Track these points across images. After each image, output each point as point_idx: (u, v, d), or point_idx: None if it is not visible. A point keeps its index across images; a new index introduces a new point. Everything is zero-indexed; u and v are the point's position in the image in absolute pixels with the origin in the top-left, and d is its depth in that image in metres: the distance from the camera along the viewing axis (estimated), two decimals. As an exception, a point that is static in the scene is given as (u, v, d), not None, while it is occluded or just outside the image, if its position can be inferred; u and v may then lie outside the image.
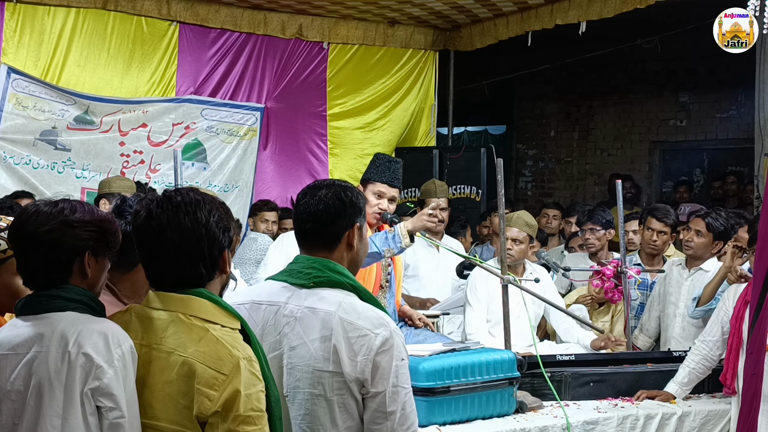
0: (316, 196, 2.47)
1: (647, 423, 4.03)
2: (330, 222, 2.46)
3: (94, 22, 6.79)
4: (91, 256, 2.21)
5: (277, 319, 2.43)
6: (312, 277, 2.44)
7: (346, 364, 2.32)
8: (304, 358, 2.37)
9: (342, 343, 2.33)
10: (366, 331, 2.34)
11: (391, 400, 2.35)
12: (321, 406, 2.35)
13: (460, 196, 7.71)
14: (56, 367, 2.07)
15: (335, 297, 2.40)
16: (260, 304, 2.47)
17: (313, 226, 2.46)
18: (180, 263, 2.17)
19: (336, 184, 2.53)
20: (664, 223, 5.30)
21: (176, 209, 2.16)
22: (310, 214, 2.46)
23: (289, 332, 2.40)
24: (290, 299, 2.43)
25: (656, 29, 8.83)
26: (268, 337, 2.42)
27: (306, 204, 2.48)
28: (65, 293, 2.17)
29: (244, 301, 2.49)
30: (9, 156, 6.45)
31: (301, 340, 2.38)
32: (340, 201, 2.46)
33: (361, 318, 2.36)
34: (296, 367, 2.38)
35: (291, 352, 2.39)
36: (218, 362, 2.07)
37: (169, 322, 2.15)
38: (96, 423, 2.06)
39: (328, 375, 2.34)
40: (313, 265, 2.45)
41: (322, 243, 2.47)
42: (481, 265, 4.51)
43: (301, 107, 7.79)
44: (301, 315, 2.40)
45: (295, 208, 2.52)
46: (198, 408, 2.06)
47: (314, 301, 2.40)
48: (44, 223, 2.16)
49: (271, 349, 2.40)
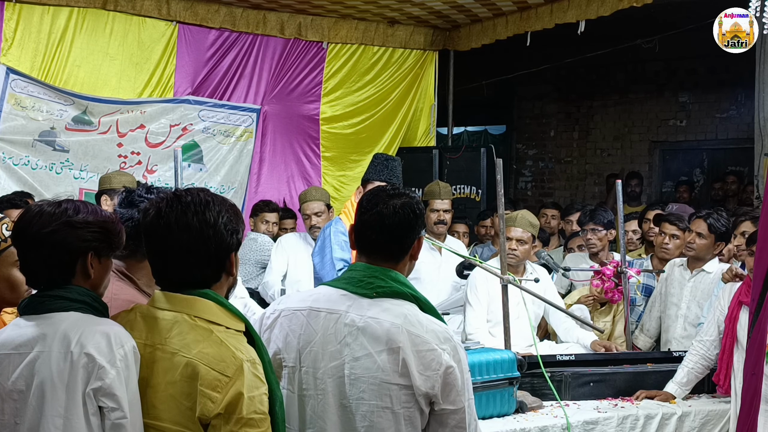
0: (389, 206, 2.39)
1: (647, 423, 4.03)
2: (403, 235, 2.41)
3: (93, 22, 6.77)
4: (94, 256, 2.20)
5: (337, 327, 2.36)
6: (375, 286, 2.38)
7: (416, 378, 2.29)
8: (370, 370, 2.32)
9: (411, 356, 2.29)
10: (434, 346, 2.31)
11: (470, 416, 2.36)
12: (386, 419, 2.31)
13: (460, 196, 7.70)
14: (59, 367, 2.06)
15: (400, 309, 2.36)
16: (319, 311, 2.40)
17: (385, 238, 2.40)
18: (186, 263, 2.16)
19: (406, 195, 2.45)
20: (677, 226, 5.31)
21: (185, 209, 2.15)
22: (383, 226, 2.39)
23: (352, 342, 2.34)
24: (351, 308, 2.37)
25: (656, 29, 8.83)
26: (328, 345, 2.36)
27: (379, 214, 2.39)
28: (68, 293, 2.16)
29: (301, 307, 2.44)
30: (8, 157, 6.44)
31: (365, 351, 2.32)
32: (413, 213, 2.41)
33: (427, 332, 2.33)
34: (361, 378, 2.32)
35: (354, 362, 2.33)
36: (221, 364, 2.07)
37: (173, 322, 2.15)
38: (98, 423, 2.06)
39: (396, 388, 2.30)
40: (375, 274, 2.39)
41: (390, 254, 2.42)
42: (481, 265, 4.50)
43: (296, 109, 7.78)
44: (364, 325, 2.34)
45: (364, 215, 2.43)
46: (201, 409, 2.05)
47: (378, 312, 2.34)
48: (47, 224, 2.16)
49: (332, 359, 2.35)
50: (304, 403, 2.38)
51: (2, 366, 2.13)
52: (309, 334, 2.38)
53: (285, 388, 2.39)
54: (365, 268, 2.42)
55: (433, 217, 5.88)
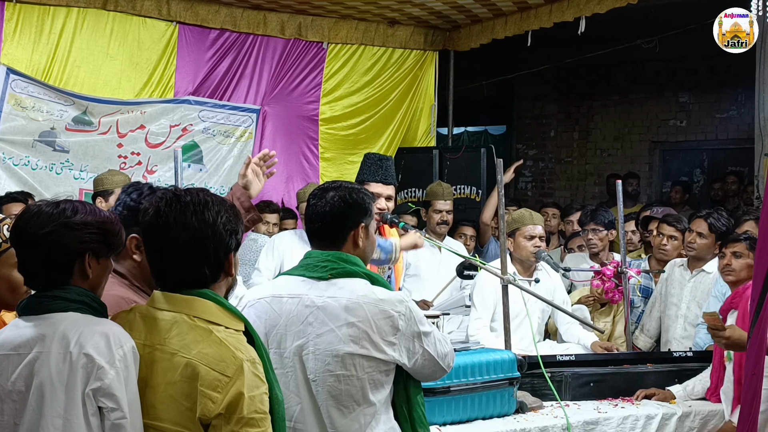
0: (324, 198, 2.68)
1: (647, 423, 4.03)
2: (336, 223, 2.67)
3: (93, 22, 6.76)
4: (92, 257, 2.20)
5: (299, 309, 2.60)
6: (329, 269, 2.63)
7: (378, 345, 2.55)
8: (332, 344, 2.55)
9: (371, 326, 2.55)
10: (391, 312, 2.57)
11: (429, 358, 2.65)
12: (353, 385, 2.55)
13: (460, 197, 7.69)
14: (58, 367, 2.06)
15: (353, 285, 2.61)
16: (281, 297, 2.64)
17: (321, 226, 2.69)
18: (185, 263, 2.17)
19: (343, 186, 2.73)
20: (675, 227, 5.32)
21: (184, 208, 2.16)
22: (318, 215, 2.68)
23: (314, 321, 2.58)
24: (310, 290, 2.62)
25: (656, 29, 8.83)
26: (292, 327, 2.60)
27: (315, 206, 2.69)
28: (66, 294, 2.16)
29: (264, 295, 2.68)
30: (8, 157, 6.44)
31: (327, 327, 2.56)
32: (345, 203, 2.68)
33: (385, 302, 2.58)
34: (324, 351, 2.55)
35: (318, 339, 2.56)
36: (221, 364, 2.07)
37: (173, 322, 2.15)
38: (98, 424, 2.06)
39: (358, 357, 2.54)
40: (328, 258, 2.66)
41: (330, 241, 2.69)
42: (481, 265, 4.50)
43: (295, 110, 7.77)
44: (324, 304, 2.58)
45: (306, 209, 2.72)
46: (201, 410, 2.05)
47: (335, 291, 2.60)
48: (45, 225, 2.16)
49: (296, 338, 2.59)
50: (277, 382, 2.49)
51: (1, 367, 2.12)
52: (273, 318, 2.62)
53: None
54: (319, 255, 2.68)
55: (436, 217, 5.88)
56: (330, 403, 2.56)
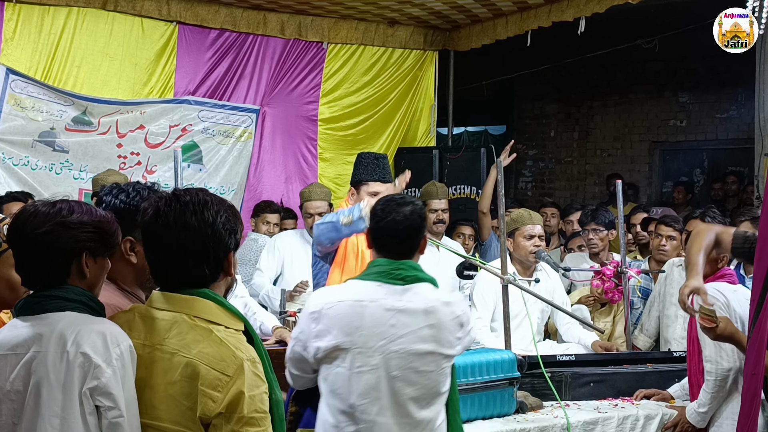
0: (401, 213, 2.93)
1: (647, 423, 4.03)
2: (413, 237, 2.96)
3: (93, 22, 6.76)
4: (89, 256, 2.20)
5: (381, 312, 2.84)
6: (403, 276, 2.90)
7: (451, 343, 2.90)
8: (415, 343, 2.84)
9: (449, 327, 2.89)
10: (458, 313, 2.94)
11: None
12: (431, 380, 2.87)
13: (460, 197, 7.70)
14: (55, 366, 2.06)
15: (427, 291, 2.93)
16: (362, 301, 2.86)
17: (400, 241, 2.95)
18: (184, 262, 2.16)
19: (413, 202, 3.00)
20: (673, 227, 5.32)
21: (183, 208, 2.16)
22: (397, 232, 2.93)
23: (396, 323, 2.84)
24: (387, 295, 2.87)
25: (656, 29, 8.83)
26: (375, 328, 2.83)
27: (393, 222, 2.92)
28: (64, 293, 2.16)
29: (343, 298, 2.88)
30: (8, 157, 6.44)
31: (408, 328, 2.84)
32: (420, 218, 2.97)
33: (451, 305, 2.94)
34: (407, 350, 2.83)
35: (401, 339, 2.83)
36: (222, 363, 2.07)
37: (172, 322, 2.15)
38: (95, 422, 2.06)
39: (437, 355, 2.87)
40: (401, 266, 2.92)
41: (404, 252, 2.96)
42: (481, 265, 4.50)
43: (295, 110, 7.77)
44: (403, 307, 2.86)
45: (380, 223, 2.95)
46: (201, 409, 2.06)
47: (411, 296, 2.89)
48: (41, 225, 2.15)
49: (380, 338, 2.83)
50: (359, 379, 2.82)
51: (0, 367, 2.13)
52: (357, 320, 2.83)
53: (340, 367, 2.83)
54: (389, 263, 2.93)
55: (432, 217, 5.88)
56: (411, 397, 2.83)
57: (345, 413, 2.83)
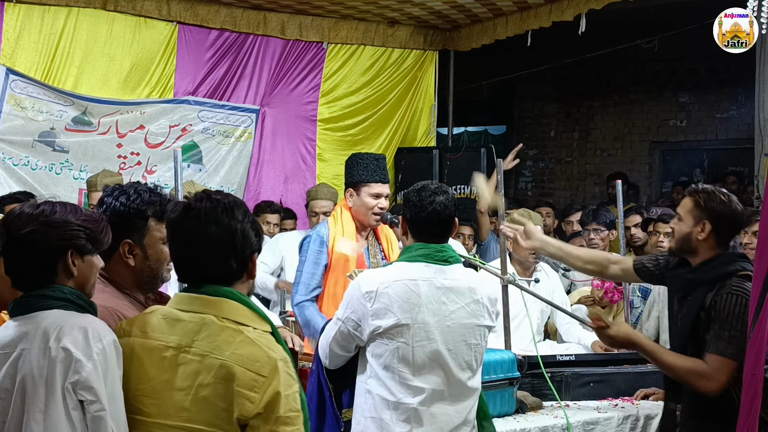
0: (441, 204, 3.14)
1: (647, 423, 4.03)
2: (452, 223, 3.19)
3: (93, 22, 6.75)
4: (75, 254, 2.21)
5: (432, 290, 3.05)
6: (447, 257, 3.12)
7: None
8: (465, 317, 3.09)
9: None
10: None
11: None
12: (479, 351, 3.13)
13: (460, 197, 7.69)
14: (38, 363, 2.09)
15: (464, 270, 3.19)
16: (415, 280, 3.05)
17: (442, 228, 3.16)
18: (213, 256, 2.20)
19: (446, 191, 3.20)
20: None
21: (215, 204, 2.22)
22: (439, 220, 3.14)
23: (446, 300, 3.06)
24: (436, 274, 3.08)
25: (656, 29, 8.83)
26: (429, 305, 3.03)
27: (434, 212, 3.12)
28: (51, 292, 2.19)
29: (398, 278, 3.05)
30: (8, 158, 6.43)
31: (458, 304, 3.08)
32: (455, 206, 3.20)
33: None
34: (459, 324, 3.07)
35: (452, 314, 3.07)
36: (256, 364, 2.10)
37: (201, 324, 2.17)
38: (80, 417, 2.08)
39: (484, 328, 3.14)
40: (443, 249, 3.14)
41: (445, 237, 3.19)
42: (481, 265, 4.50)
43: (294, 110, 7.76)
44: (452, 285, 3.09)
45: (422, 213, 3.13)
46: (239, 410, 2.08)
47: (455, 275, 3.12)
48: (25, 225, 2.18)
49: (435, 314, 3.04)
50: (420, 352, 3.01)
51: None
52: (413, 297, 3.01)
53: (400, 341, 3.00)
54: (431, 247, 3.13)
55: None
56: (462, 366, 3.06)
57: (404, 385, 3.00)
